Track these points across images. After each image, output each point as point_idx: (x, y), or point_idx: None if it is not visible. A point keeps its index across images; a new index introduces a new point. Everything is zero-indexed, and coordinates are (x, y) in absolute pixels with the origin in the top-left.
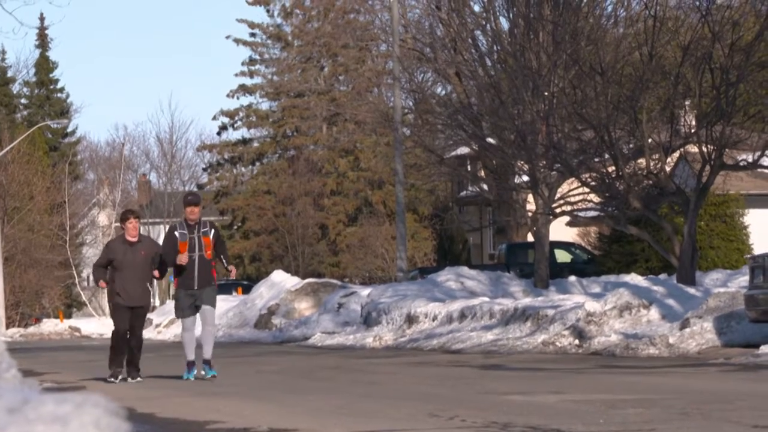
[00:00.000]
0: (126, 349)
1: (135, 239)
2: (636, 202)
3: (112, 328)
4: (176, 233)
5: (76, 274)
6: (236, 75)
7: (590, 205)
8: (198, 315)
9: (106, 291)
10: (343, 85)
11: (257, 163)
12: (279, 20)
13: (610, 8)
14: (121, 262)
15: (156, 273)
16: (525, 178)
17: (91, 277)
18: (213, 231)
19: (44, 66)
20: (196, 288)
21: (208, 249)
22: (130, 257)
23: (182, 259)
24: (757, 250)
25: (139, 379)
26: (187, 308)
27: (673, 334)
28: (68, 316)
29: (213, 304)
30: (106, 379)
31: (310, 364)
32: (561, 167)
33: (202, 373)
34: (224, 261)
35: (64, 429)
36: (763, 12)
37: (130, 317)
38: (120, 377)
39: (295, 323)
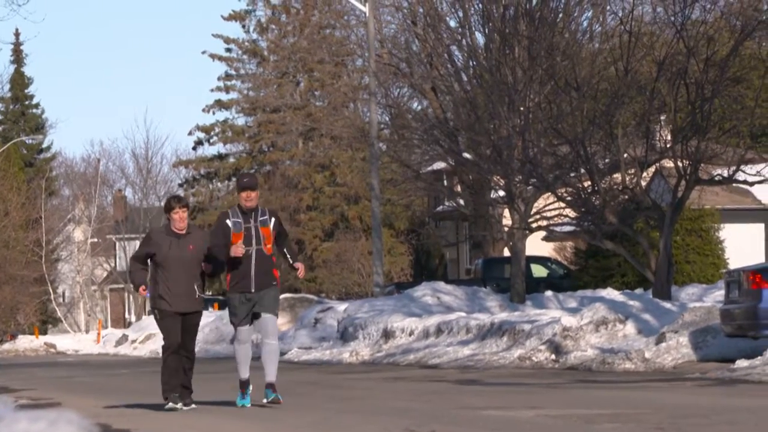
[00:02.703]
0: (180, 367)
1: (183, 231)
2: (612, 216)
3: (161, 343)
4: (229, 222)
5: (51, 290)
6: (212, 90)
7: (566, 219)
8: (255, 325)
9: (141, 296)
10: (319, 101)
11: (233, 179)
12: (255, 35)
13: (585, 24)
14: (165, 257)
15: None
16: (501, 193)
17: (69, 298)
18: (274, 220)
19: (19, 81)
20: (253, 290)
21: (268, 242)
22: (176, 252)
23: (238, 250)
24: (733, 264)
25: (193, 406)
26: (242, 315)
27: (649, 349)
28: (43, 332)
29: (275, 311)
30: (164, 407)
31: (286, 380)
32: (537, 182)
33: (264, 401)
34: (288, 257)
35: None
36: (738, 27)
37: (182, 327)
38: (180, 403)
39: None
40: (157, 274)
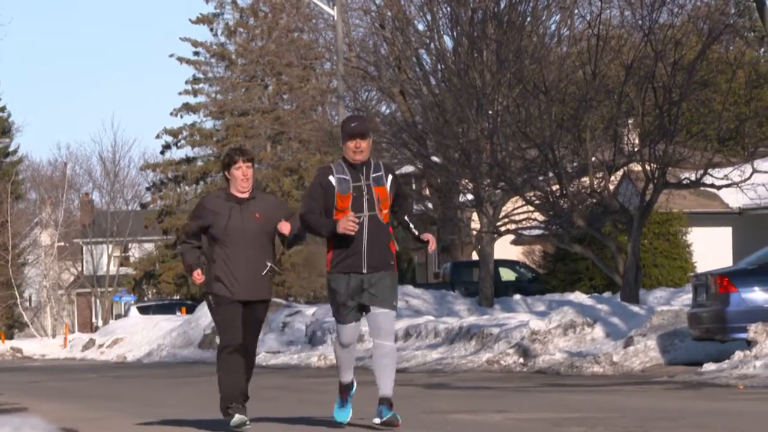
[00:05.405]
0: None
1: (246, 194)
2: (580, 220)
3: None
4: (332, 179)
5: (17, 295)
6: (180, 93)
7: (534, 223)
8: (366, 321)
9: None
10: (288, 104)
11: (201, 182)
12: (223, 39)
13: (553, 27)
14: (224, 228)
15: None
16: (470, 196)
17: (25, 300)
18: (391, 178)
19: None
20: (365, 271)
21: (384, 206)
22: (238, 222)
23: (348, 224)
24: (700, 268)
25: (247, 422)
26: (348, 307)
27: (617, 352)
28: (10, 336)
29: (393, 305)
30: (231, 424)
31: (255, 384)
32: (505, 186)
33: (376, 420)
34: (412, 227)
35: None
36: (705, 31)
37: (244, 320)
38: (246, 416)
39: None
40: (213, 251)
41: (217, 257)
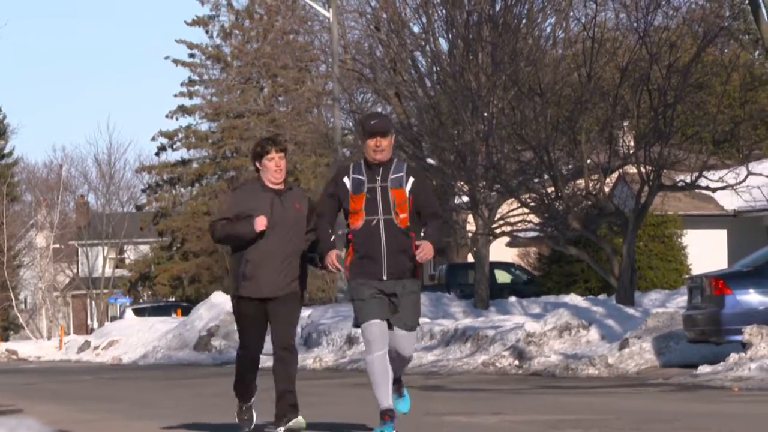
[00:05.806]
0: (257, 376)
1: (281, 185)
2: (575, 222)
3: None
4: (346, 180)
5: (13, 297)
6: (175, 96)
7: (530, 225)
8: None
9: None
10: (283, 106)
11: (197, 184)
12: (218, 41)
13: (548, 30)
14: (268, 222)
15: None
16: (465, 198)
17: (40, 301)
18: (412, 180)
19: None
20: (386, 278)
21: (401, 210)
22: (279, 213)
23: (330, 264)
24: (695, 270)
25: (299, 419)
26: (372, 305)
27: (612, 355)
28: (5, 338)
29: (412, 325)
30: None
31: None
32: (501, 188)
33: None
34: (424, 229)
35: None
36: (700, 34)
37: (270, 317)
38: (251, 426)
39: (234, 345)
40: (245, 248)
41: (249, 252)
